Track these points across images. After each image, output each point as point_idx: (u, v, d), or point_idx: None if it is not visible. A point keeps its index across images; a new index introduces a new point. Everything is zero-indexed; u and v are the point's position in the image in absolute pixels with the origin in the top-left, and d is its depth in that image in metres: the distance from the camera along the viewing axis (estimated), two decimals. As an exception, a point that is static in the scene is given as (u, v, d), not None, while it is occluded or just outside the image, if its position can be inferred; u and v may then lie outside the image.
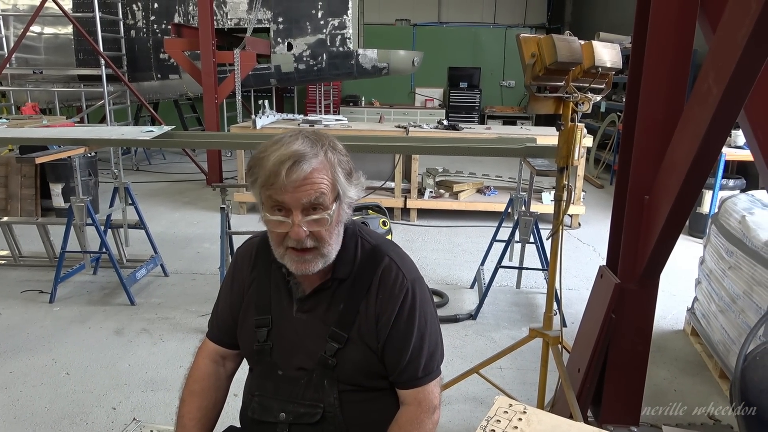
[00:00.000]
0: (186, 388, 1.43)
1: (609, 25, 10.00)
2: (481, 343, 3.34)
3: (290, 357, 1.33)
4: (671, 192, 1.78)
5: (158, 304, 3.82)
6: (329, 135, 1.26)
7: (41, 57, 8.54)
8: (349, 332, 1.29)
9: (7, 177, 4.44)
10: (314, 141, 1.20)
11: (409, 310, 1.30)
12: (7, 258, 4.52)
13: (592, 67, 1.98)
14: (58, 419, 2.56)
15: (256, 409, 1.35)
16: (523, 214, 3.60)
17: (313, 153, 1.17)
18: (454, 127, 6.11)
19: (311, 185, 1.16)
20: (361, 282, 1.31)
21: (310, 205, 1.18)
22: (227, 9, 8.15)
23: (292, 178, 1.15)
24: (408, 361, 1.31)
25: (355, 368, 1.31)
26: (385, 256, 1.33)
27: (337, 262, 1.30)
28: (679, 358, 3.18)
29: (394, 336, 1.30)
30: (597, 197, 7.19)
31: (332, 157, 1.20)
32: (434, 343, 1.37)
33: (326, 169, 1.19)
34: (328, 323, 1.30)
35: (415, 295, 1.32)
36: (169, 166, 9.25)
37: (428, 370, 1.34)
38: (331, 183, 1.19)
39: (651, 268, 2.00)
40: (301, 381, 1.31)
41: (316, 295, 1.33)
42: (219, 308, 1.47)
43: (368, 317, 1.30)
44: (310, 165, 1.16)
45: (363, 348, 1.30)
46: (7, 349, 3.18)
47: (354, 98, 12.53)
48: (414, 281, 1.33)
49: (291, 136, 1.20)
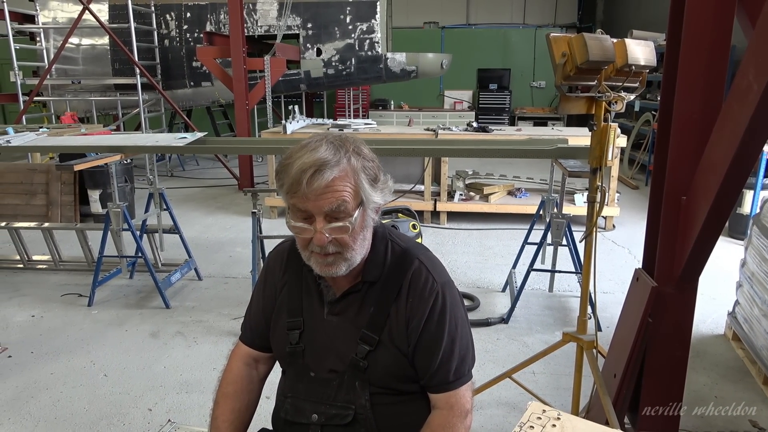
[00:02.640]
0: (219, 391, 1.46)
1: (642, 23, 9.80)
2: (513, 347, 3.29)
3: (322, 359, 1.34)
4: (710, 192, 1.73)
5: (192, 307, 3.89)
6: (356, 139, 1.26)
7: (79, 67, 8.81)
8: (380, 335, 1.29)
9: (48, 184, 4.58)
10: (338, 147, 1.19)
11: (439, 314, 1.30)
12: (48, 263, 4.66)
13: (626, 65, 1.93)
14: (96, 420, 2.62)
15: (289, 410, 1.36)
16: (555, 216, 3.55)
17: (335, 160, 1.17)
18: (483, 129, 6.06)
19: (332, 193, 1.17)
20: (391, 285, 1.31)
21: (332, 212, 1.18)
22: (257, 16, 8.27)
23: (314, 186, 1.15)
24: (439, 365, 1.30)
25: (385, 371, 1.31)
26: (415, 260, 1.33)
27: (367, 265, 1.31)
28: (719, 364, 3.08)
29: (424, 340, 1.30)
30: (632, 198, 7.04)
31: (356, 163, 1.20)
32: (465, 347, 1.36)
33: (349, 176, 1.18)
34: (359, 326, 1.31)
35: (445, 298, 1.31)
36: (202, 171, 9.42)
37: (459, 374, 1.34)
38: (354, 190, 1.19)
39: (689, 270, 1.95)
40: (333, 383, 1.32)
41: (347, 297, 1.33)
42: (252, 312, 1.49)
43: (399, 321, 1.29)
44: (332, 173, 1.16)
45: (394, 351, 1.30)
46: (48, 351, 3.28)
47: (383, 102, 12.55)
48: (444, 285, 1.32)
49: (316, 142, 1.20)
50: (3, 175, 5.29)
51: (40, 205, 4.57)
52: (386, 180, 1.27)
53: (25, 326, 3.60)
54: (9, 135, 3.55)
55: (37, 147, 4.31)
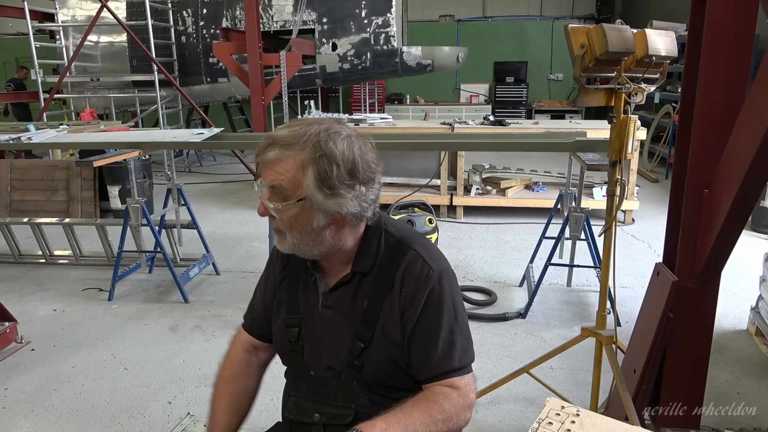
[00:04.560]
0: (218, 375, 1.46)
1: (661, 14, 9.64)
2: (531, 343, 3.27)
3: (319, 355, 1.32)
4: (733, 185, 1.69)
5: (210, 301, 3.92)
6: (344, 139, 1.18)
7: (98, 65, 8.91)
8: (374, 330, 1.26)
9: (68, 180, 4.65)
10: (305, 135, 1.16)
11: (436, 302, 1.24)
12: (69, 257, 4.74)
13: (646, 56, 1.89)
14: (117, 412, 2.66)
15: (292, 409, 1.35)
16: (573, 210, 3.51)
17: (287, 144, 1.16)
18: (500, 122, 6.01)
19: (272, 172, 1.18)
20: (385, 276, 1.27)
21: (273, 188, 1.18)
22: (273, 12, 8.28)
23: (261, 157, 1.19)
24: (440, 354, 1.23)
25: (378, 368, 1.27)
26: (409, 249, 1.28)
27: (357, 256, 1.28)
28: (742, 360, 3.03)
29: (420, 328, 1.24)
30: (651, 192, 6.94)
31: (306, 157, 1.15)
32: (466, 338, 1.28)
33: (289, 165, 1.16)
34: (353, 320, 1.28)
35: (442, 286, 1.25)
36: (220, 167, 9.49)
37: (464, 362, 1.26)
38: (292, 180, 1.16)
39: (711, 265, 1.91)
40: (332, 382, 1.30)
41: (338, 289, 1.31)
42: (255, 302, 1.50)
43: (393, 312, 1.25)
44: (277, 154, 1.17)
45: (388, 345, 1.26)
46: (70, 344, 3.33)
47: (399, 96, 12.51)
48: (441, 272, 1.26)
49: (301, 123, 1.20)
50: (25, 172, 5.38)
51: (61, 201, 4.64)
52: (348, 192, 1.17)
53: (47, 320, 3.66)
54: (30, 132, 3.61)
55: (58, 144, 4.38)
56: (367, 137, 1.26)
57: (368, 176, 1.21)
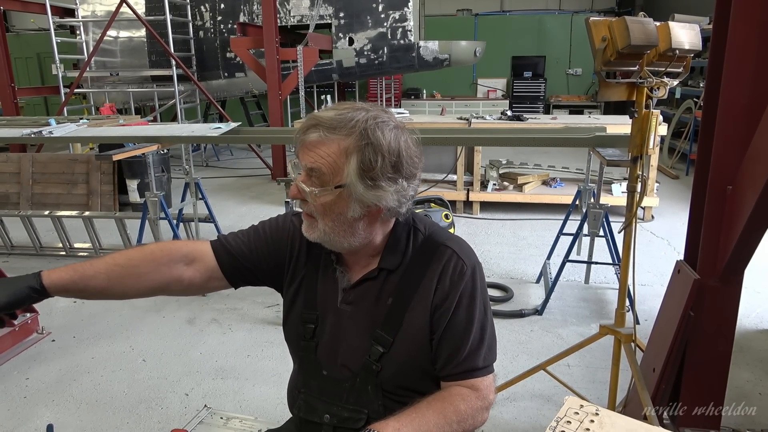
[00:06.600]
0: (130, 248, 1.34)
1: (683, 7, 9.45)
2: (547, 340, 3.25)
3: (334, 353, 1.28)
4: (758, 182, 1.65)
5: (227, 295, 3.95)
6: (392, 128, 1.15)
7: (117, 60, 9.00)
8: (396, 333, 1.22)
9: (88, 174, 4.72)
10: (353, 121, 1.12)
11: (469, 298, 1.22)
12: (89, 250, 4.80)
13: (669, 49, 1.86)
14: (135, 404, 2.69)
15: (302, 407, 1.32)
16: (592, 206, 3.47)
17: (333, 127, 1.12)
18: (518, 117, 5.96)
19: (312, 154, 1.13)
20: (413, 274, 1.24)
21: (310, 172, 1.14)
22: (290, 6, 8.29)
23: (303, 137, 1.15)
24: (468, 351, 1.21)
25: (396, 370, 1.24)
26: (440, 245, 1.25)
27: (385, 252, 1.25)
28: (764, 360, 2.98)
29: (453, 324, 1.21)
30: (671, 188, 6.84)
31: (351, 144, 1.11)
32: (491, 335, 1.26)
33: (333, 149, 1.12)
34: (375, 319, 1.24)
35: (475, 282, 1.24)
36: (236, 161, 9.54)
37: (488, 361, 1.24)
38: (333, 165, 1.12)
39: (734, 263, 1.87)
40: (345, 384, 1.26)
41: (362, 284, 1.26)
42: (241, 239, 1.35)
43: (420, 311, 1.22)
44: (321, 137, 1.12)
45: (410, 346, 1.23)
46: (90, 336, 3.38)
47: (415, 91, 12.47)
48: (474, 267, 1.25)
49: (348, 107, 1.15)
50: (46, 165, 5.46)
51: (81, 194, 4.71)
52: (390, 185, 1.14)
53: (67, 312, 3.72)
54: (51, 126, 3.65)
55: (78, 137, 4.43)
56: (414, 131, 1.22)
57: (411, 171, 1.18)
